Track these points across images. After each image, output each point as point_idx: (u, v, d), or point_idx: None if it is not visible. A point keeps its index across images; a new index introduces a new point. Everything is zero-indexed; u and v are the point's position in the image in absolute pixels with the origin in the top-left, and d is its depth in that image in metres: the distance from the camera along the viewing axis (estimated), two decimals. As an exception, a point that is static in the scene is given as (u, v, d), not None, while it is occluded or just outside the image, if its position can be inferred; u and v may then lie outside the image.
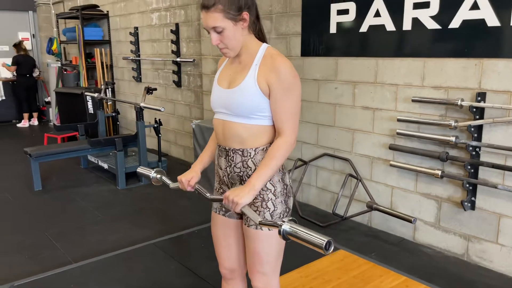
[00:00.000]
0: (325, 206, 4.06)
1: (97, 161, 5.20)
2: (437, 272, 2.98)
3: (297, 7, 3.99)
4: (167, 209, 4.21)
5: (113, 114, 5.93)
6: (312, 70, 3.98)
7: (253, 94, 1.58)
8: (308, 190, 4.23)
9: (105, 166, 5.04)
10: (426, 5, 3.07)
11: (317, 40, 3.87)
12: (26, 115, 8.89)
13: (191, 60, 5.38)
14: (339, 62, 3.74)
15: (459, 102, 2.91)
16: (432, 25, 3.06)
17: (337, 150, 3.90)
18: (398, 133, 3.31)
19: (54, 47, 7.96)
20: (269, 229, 1.66)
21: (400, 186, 3.45)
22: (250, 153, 1.65)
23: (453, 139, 2.97)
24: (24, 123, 8.89)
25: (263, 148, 1.65)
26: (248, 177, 1.65)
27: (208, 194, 1.72)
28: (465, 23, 2.88)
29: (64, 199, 4.46)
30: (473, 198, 3.00)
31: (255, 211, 1.67)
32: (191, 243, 3.36)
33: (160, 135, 4.97)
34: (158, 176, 1.89)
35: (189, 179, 1.79)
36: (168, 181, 1.87)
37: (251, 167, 1.65)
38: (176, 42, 5.63)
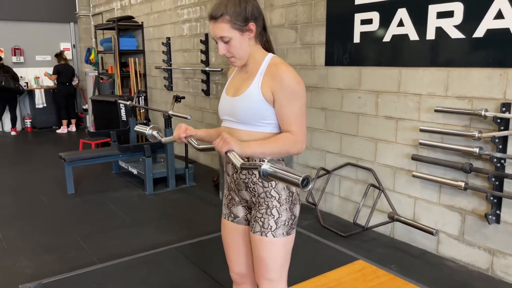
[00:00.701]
0: (347, 216, 4.04)
1: (127, 166, 5.38)
2: (460, 286, 2.91)
3: (322, 17, 4.02)
4: (191, 214, 4.30)
5: (144, 122, 6.11)
6: (336, 80, 3.99)
7: (257, 101, 1.63)
8: (331, 200, 4.22)
9: (135, 171, 5.20)
10: (450, 14, 3.03)
11: (341, 49, 3.88)
12: (65, 121, 9.29)
13: (219, 69, 5.50)
14: (363, 71, 3.73)
15: (483, 113, 2.85)
16: (456, 34, 3.02)
17: (360, 159, 3.88)
18: (420, 143, 3.27)
19: (92, 56, 8.31)
20: (274, 236, 1.69)
21: (423, 197, 3.40)
22: (255, 160, 1.69)
23: (476, 150, 2.90)
24: (63, 129, 9.29)
25: None
26: (253, 184, 1.70)
27: (198, 146, 1.76)
28: (490, 32, 2.83)
29: (94, 203, 4.64)
30: (498, 211, 2.92)
31: (260, 217, 1.70)
32: (211, 248, 3.42)
33: (187, 142, 5.08)
34: (154, 132, 1.93)
35: (188, 128, 1.79)
36: (159, 137, 1.92)
37: (255, 174, 1.69)
38: (205, 52, 5.77)
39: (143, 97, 6.30)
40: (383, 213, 3.65)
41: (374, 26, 3.57)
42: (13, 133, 9.07)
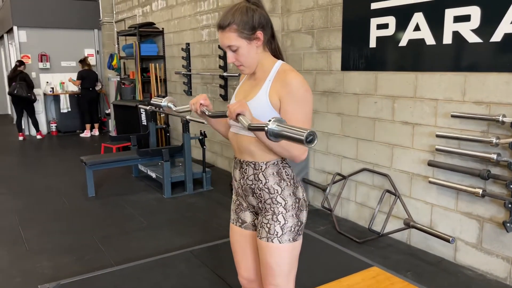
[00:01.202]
0: (363, 222, 4.00)
1: (147, 170, 5.47)
2: (476, 295, 2.85)
3: (338, 22, 4.02)
4: (208, 219, 4.34)
5: (163, 126, 6.21)
6: (352, 84, 3.97)
7: (264, 108, 1.64)
8: (348, 205, 4.19)
9: (153, 175, 5.29)
10: (466, 19, 2.99)
11: (357, 54, 3.87)
12: (88, 125, 9.51)
13: (237, 75, 5.54)
14: (379, 76, 3.71)
15: (500, 118, 2.80)
16: (473, 38, 2.97)
17: (376, 165, 3.84)
18: (437, 149, 3.22)
19: (114, 62, 8.49)
20: (280, 242, 1.70)
21: (440, 204, 3.34)
22: (262, 166, 1.70)
23: (494, 156, 2.85)
24: (86, 133, 9.52)
25: (274, 163, 1.70)
26: (260, 190, 1.71)
27: (210, 113, 1.69)
28: (507, 36, 2.77)
29: (114, 206, 4.74)
30: (516, 219, 2.85)
31: (266, 223, 1.72)
32: (226, 252, 3.42)
33: (204, 146, 5.15)
34: (170, 103, 1.88)
35: (206, 99, 1.72)
36: (174, 107, 1.87)
37: (261, 180, 1.71)
38: (223, 58, 5.82)
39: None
40: (399, 220, 3.60)
41: (390, 31, 3.54)
42: (38, 136, 9.33)
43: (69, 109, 9.83)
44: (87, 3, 10.35)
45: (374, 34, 3.68)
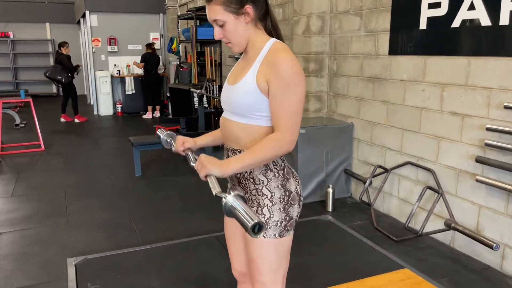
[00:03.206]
0: (405, 219, 3.71)
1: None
2: (521, 311, 2.51)
3: (387, 2, 3.70)
4: (243, 204, 4.27)
5: (212, 110, 6.22)
6: (399, 70, 3.65)
7: (250, 91, 1.50)
8: (389, 200, 3.91)
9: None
10: (529, -5, 2.59)
11: (405, 37, 3.54)
12: (150, 107, 9.84)
13: (285, 58, 5.36)
14: (428, 61, 3.37)
15: (562, 111, 2.40)
16: (535, 18, 2.57)
17: (421, 159, 3.52)
18: (486, 144, 2.86)
19: (174, 46, 8.66)
20: (264, 236, 1.57)
21: (489, 205, 2.98)
22: (246, 174, 1.58)
23: (552, 155, 2.46)
24: (148, 115, 9.86)
25: None
26: (245, 180, 1.59)
27: (192, 163, 1.63)
28: None
29: (156, 186, 4.84)
30: None
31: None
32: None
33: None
34: (169, 139, 1.84)
35: (185, 141, 1.72)
36: (171, 146, 1.82)
37: (247, 170, 1.58)
38: (274, 41, 5.66)
39: (214, 86, 6.40)
40: (442, 219, 3.28)
41: (442, 10, 3.19)
42: (76, 120, 9.18)
43: (134, 91, 10.22)
44: (153, -13, 10.64)
45: (425, 14, 3.34)
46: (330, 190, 4.02)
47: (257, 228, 1.19)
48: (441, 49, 3.25)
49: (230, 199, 1.28)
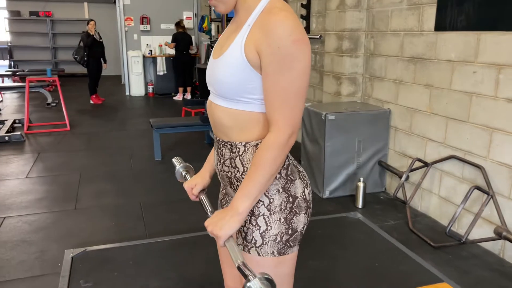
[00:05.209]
0: (446, 221, 3.23)
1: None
2: None
3: (435, -32, 3.17)
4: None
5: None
6: (446, 49, 3.13)
7: (237, 66, 1.11)
8: (429, 199, 3.43)
9: (220, 143, 4.99)
10: None
11: (455, 9, 3.01)
12: (181, 89, 9.58)
13: (318, 37, 4.89)
14: (482, 38, 2.84)
15: None
16: None
17: (468, 153, 3.02)
18: (553, 139, 2.34)
19: (205, 24, 8.31)
20: (259, 254, 1.21)
21: (551, 213, 2.47)
22: (239, 148, 1.21)
23: None
24: (179, 97, 9.61)
25: (256, 144, 1.19)
26: (237, 181, 1.23)
27: (209, 211, 1.36)
28: None
29: (173, 172, 4.53)
30: None
31: (244, 226, 1.23)
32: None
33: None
34: (183, 172, 1.60)
35: (192, 186, 1.46)
36: (185, 179, 1.58)
37: (238, 168, 1.22)
38: (307, 18, 5.20)
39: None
40: (492, 225, 2.79)
41: (503, -24, 2.64)
42: (91, 102, 8.89)
43: (165, 72, 9.98)
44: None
45: (481, -19, 2.80)
46: (361, 184, 3.59)
47: None
48: (499, 23, 2.70)
49: (256, 283, 0.96)
